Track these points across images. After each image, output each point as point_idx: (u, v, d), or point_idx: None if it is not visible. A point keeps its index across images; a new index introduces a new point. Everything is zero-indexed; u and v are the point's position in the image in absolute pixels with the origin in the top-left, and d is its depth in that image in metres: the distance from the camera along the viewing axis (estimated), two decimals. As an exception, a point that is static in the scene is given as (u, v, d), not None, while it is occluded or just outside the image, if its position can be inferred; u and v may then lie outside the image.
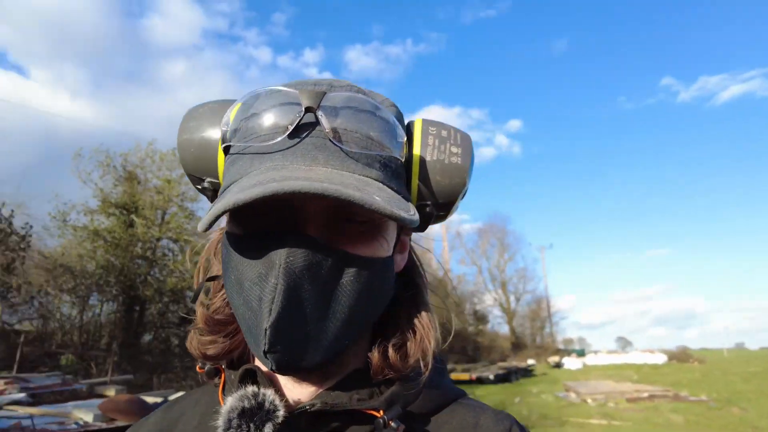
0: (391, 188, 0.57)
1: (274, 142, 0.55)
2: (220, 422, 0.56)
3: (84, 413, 6.78)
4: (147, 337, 18.75)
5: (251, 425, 0.54)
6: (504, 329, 42.84)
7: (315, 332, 0.52)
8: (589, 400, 15.02)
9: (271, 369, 0.53)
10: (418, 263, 0.69)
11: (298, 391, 0.60)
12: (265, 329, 0.50)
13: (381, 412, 0.57)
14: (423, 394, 0.61)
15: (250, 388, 0.57)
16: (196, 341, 0.65)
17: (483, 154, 76.90)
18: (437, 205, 0.64)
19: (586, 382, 19.24)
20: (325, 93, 0.56)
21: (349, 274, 0.54)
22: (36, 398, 8.73)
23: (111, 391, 9.49)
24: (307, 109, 0.55)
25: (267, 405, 0.55)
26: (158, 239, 18.26)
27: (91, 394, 9.82)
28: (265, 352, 0.51)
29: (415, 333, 0.62)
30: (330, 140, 0.54)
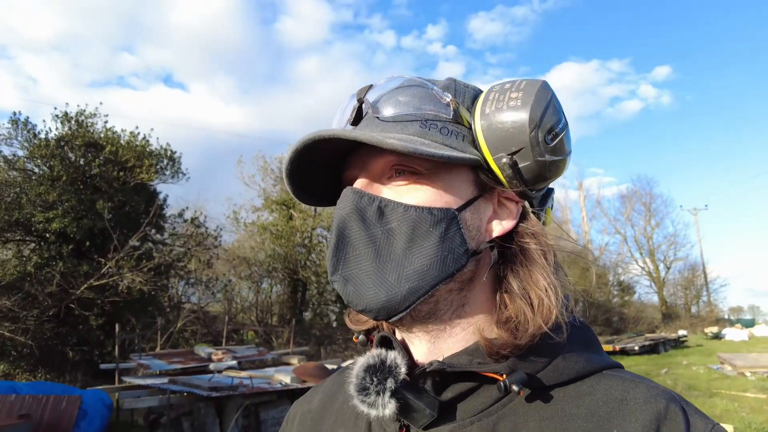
0: (434, 140, 0.62)
1: (346, 130, 0.62)
2: (352, 373, 0.64)
3: (283, 376, 8.66)
4: (308, 314, 21.66)
5: (374, 378, 0.61)
6: (654, 299, 40.42)
7: (370, 268, 0.59)
8: (748, 374, 14.25)
9: (347, 302, 0.62)
10: (539, 232, 0.66)
11: (426, 357, 0.64)
12: (328, 260, 0.62)
13: (503, 376, 0.57)
14: (558, 363, 0.60)
15: (377, 350, 0.64)
16: (348, 317, 0.77)
17: (626, 108, 68.42)
18: (512, 154, 0.62)
19: (746, 354, 17.99)
20: (371, 85, 0.68)
21: (395, 219, 0.60)
22: (240, 365, 11.05)
23: (294, 360, 11.43)
24: (359, 101, 0.67)
25: (389, 362, 0.61)
26: (313, 228, 20.91)
27: (276, 362, 11.99)
28: (330, 279, 0.62)
29: (530, 301, 0.60)
30: (373, 116, 0.65)
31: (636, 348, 20.92)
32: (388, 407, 0.59)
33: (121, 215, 13.22)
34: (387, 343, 0.67)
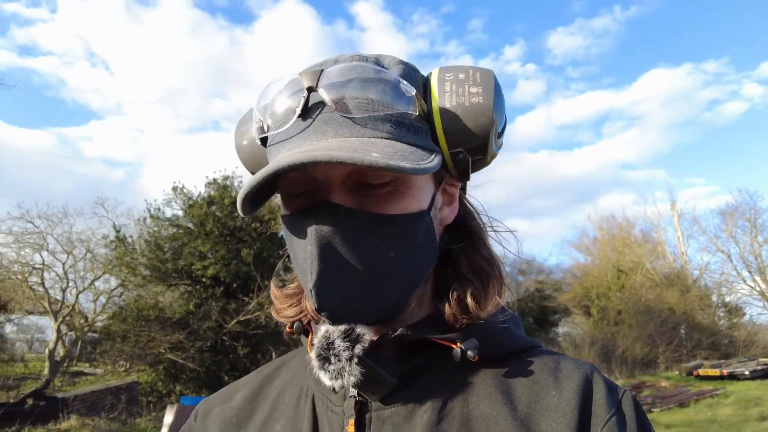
0: (408, 143, 0.59)
1: (290, 126, 0.59)
2: (316, 343, 0.61)
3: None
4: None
5: (344, 344, 0.59)
6: (768, 320, 37.59)
7: (359, 289, 0.57)
8: None
9: (329, 322, 0.60)
10: (472, 210, 0.71)
11: (376, 333, 0.62)
12: (310, 290, 0.56)
13: (458, 343, 0.60)
14: (501, 338, 0.65)
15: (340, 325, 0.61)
16: (274, 309, 0.75)
17: (727, 111, 59.79)
18: (470, 150, 0.64)
19: None
20: (322, 70, 0.59)
21: (380, 233, 0.57)
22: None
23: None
24: (309, 89, 0.58)
25: (358, 330, 0.60)
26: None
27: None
28: (317, 310, 0.58)
29: (483, 279, 0.64)
30: (337, 113, 0.58)
31: (746, 373, 20.15)
32: (353, 375, 0.59)
33: (260, 260, 15.72)
34: None
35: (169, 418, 9.46)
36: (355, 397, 0.62)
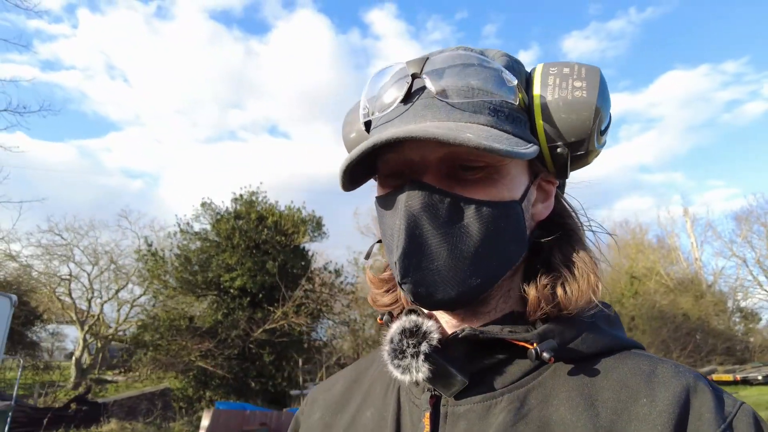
0: (504, 130, 0.59)
1: (392, 110, 0.62)
2: (386, 339, 0.64)
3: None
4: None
5: (410, 342, 0.61)
6: (786, 325, 37.26)
7: (443, 267, 0.57)
8: None
9: (411, 300, 0.60)
10: (569, 209, 0.70)
11: (454, 328, 0.64)
12: (395, 262, 0.58)
13: (534, 344, 0.58)
14: (586, 336, 0.61)
15: (412, 316, 0.64)
16: (370, 296, 0.77)
17: (747, 112, 58.30)
18: (570, 144, 0.64)
19: None
20: (428, 58, 0.62)
21: (468, 216, 0.58)
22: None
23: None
24: (413, 75, 0.61)
25: (424, 328, 0.61)
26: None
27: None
28: (400, 283, 0.59)
29: (574, 273, 0.62)
30: (437, 98, 0.60)
31: (759, 378, 20.35)
32: (421, 371, 0.59)
33: (284, 272, 16.51)
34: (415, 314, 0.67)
35: (205, 421, 10.20)
36: (431, 391, 0.63)
